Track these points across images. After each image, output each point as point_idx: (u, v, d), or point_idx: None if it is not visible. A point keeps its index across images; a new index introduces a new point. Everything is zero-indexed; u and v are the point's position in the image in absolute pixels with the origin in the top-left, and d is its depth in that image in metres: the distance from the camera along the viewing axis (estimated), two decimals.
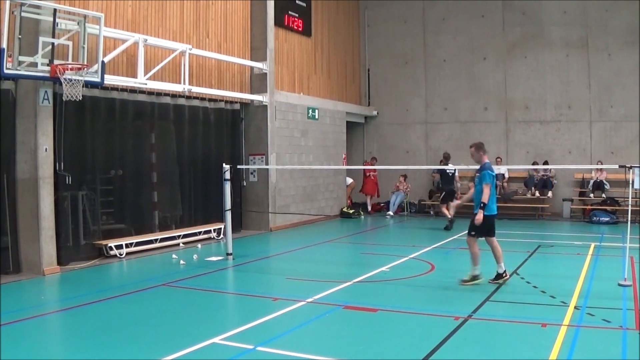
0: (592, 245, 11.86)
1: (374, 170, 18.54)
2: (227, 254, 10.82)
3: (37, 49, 8.76)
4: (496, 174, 17.82)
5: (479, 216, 8.12)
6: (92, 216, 10.87)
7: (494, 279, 8.22)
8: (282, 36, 16.06)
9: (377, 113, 20.35)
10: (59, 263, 9.62)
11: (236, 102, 14.61)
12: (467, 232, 8.42)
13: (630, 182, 8.44)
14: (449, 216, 14.50)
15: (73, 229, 10.39)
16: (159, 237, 11.84)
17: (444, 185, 15.44)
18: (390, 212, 17.86)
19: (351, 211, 18.08)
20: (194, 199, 13.38)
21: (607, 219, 15.75)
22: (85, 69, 9.26)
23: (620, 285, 8.02)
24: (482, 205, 8.12)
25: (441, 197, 15.53)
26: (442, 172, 15.53)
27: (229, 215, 11.05)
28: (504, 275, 8.24)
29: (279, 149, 15.38)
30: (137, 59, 10.95)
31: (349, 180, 19.06)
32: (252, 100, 14.74)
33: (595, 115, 17.46)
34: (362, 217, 18.00)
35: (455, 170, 14.93)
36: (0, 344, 5.64)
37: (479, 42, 18.72)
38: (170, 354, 5.41)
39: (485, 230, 8.25)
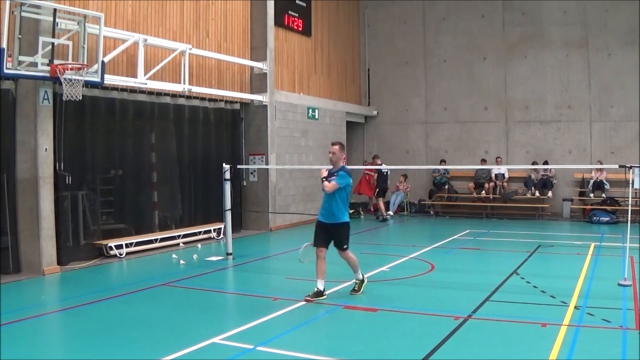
0: (592, 245, 11.86)
1: (371, 170, 18.48)
2: (227, 254, 10.82)
3: (37, 49, 8.76)
4: (496, 174, 18.04)
5: (328, 183, 7.58)
6: (92, 216, 10.87)
7: (355, 289, 7.74)
8: (282, 36, 16.06)
9: (377, 113, 20.35)
10: (59, 263, 9.63)
11: (236, 102, 14.61)
12: (339, 247, 7.63)
13: (630, 182, 8.44)
14: (384, 212, 17.06)
15: (73, 229, 10.39)
16: (159, 237, 11.84)
17: (380, 183, 17.15)
18: (390, 212, 17.85)
19: (351, 211, 18.02)
20: (194, 199, 13.38)
21: (607, 219, 15.75)
22: (85, 68, 9.26)
23: (620, 285, 8.02)
24: (323, 179, 7.67)
25: (376, 192, 17.37)
26: (379, 172, 17.09)
27: (229, 215, 11.05)
28: (363, 281, 7.81)
29: (279, 149, 15.38)
30: (137, 59, 10.95)
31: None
32: (252, 100, 14.74)
33: (595, 115, 17.46)
34: (362, 217, 17.98)
35: (388, 170, 16.94)
36: (0, 344, 5.64)
37: (479, 42, 18.72)
38: (170, 354, 5.41)
39: (349, 239, 7.70)
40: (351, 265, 7.70)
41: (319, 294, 7.37)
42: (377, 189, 17.27)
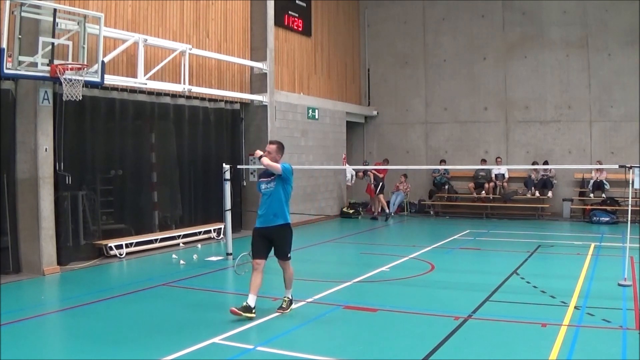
0: (592, 245, 11.86)
1: (379, 171, 18.50)
2: (227, 254, 10.82)
3: (37, 49, 8.76)
4: (496, 174, 18.05)
5: (257, 152, 6.95)
6: (92, 216, 10.87)
7: (283, 307, 6.89)
8: (282, 36, 16.06)
9: (377, 113, 20.35)
10: (59, 263, 9.62)
11: (236, 102, 14.60)
12: (280, 257, 6.86)
13: (630, 182, 8.44)
14: (387, 208, 17.43)
15: (73, 229, 10.39)
16: (159, 237, 11.83)
17: (378, 181, 17.59)
18: (390, 212, 17.85)
19: (351, 211, 18.08)
20: (194, 199, 13.37)
21: (607, 219, 15.75)
22: (85, 69, 9.26)
23: (620, 285, 8.02)
24: (261, 155, 6.89)
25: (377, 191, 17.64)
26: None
27: (229, 215, 11.05)
28: (292, 301, 7.02)
29: None
30: (137, 59, 10.94)
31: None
32: (252, 100, 14.74)
33: (595, 115, 17.46)
34: (361, 216, 17.99)
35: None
36: (0, 344, 5.64)
37: (479, 42, 18.72)
38: (170, 354, 5.41)
39: (288, 247, 6.91)
40: (286, 278, 6.87)
41: (248, 309, 6.50)
42: (378, 188, 17.55)
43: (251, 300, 6.56)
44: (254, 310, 6.55)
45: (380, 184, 17.43)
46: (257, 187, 7.17)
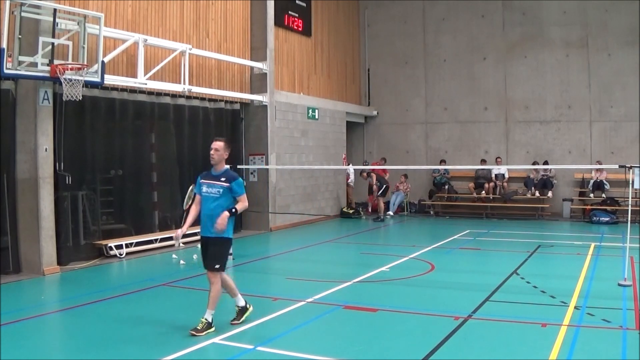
0: (592, 245, 11.86)
1: (379, 170, 18.50)
2: None
3: (37, 49, 8.76)
4: (496, 174, 18.05)
5: (222, 219, 6.03)
6: (92, 216, 10.87)
7: (197, 329, 6.08)
8: (282, 36, 16.06)
9: (377, 113, 20.35)
10: (59, 263, 9.62)
11: (236, 102, 14.61)
12: (208, 267, 6.23)
13: (630, 182, 8.45)
14: (382, 211, 17.28)
15: (73, 229, 10.39)
16: (159, 237, 11.83)
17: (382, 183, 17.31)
18: (390, 212, 17.85)
19: (351, 211, 18.08)
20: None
21: (607, 219, 15.75)
22: (85, 69, 9.26)
23: (620, 285, 8.02)
24: (233, 210, 6.13)
25: (380, 192, 17.29)
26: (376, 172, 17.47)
27: None
28: (248, 306, 6.51)
29: (279, 149, 15.38)
30: (137, 59, 10.95)
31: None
32: (252, 100, 14.74)
33: (595, 115, 17.46)
34: (363, 217, 17.98)
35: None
36: (0, 344, 5.64)
37: (479, 42, 18.73)
38: (170, 354, 5.41)
39: (225, 258, 6.38)
40: (212, 295, 6.15)
41: (243, 309, 6.34)
42: (381, 190, 17.27)
43: (239, 301, 6.37)
44: (248, 306, 6.42)
45: (385, 186, 17.20)
46: (196, 188, 6.50)
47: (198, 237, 12.56)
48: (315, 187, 17.11)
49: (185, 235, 12.17)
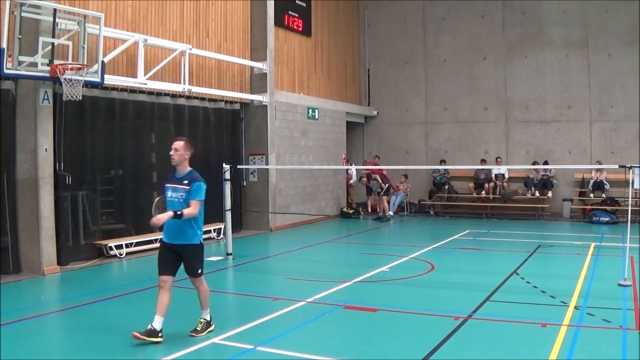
0: (592, 245, 11.86)
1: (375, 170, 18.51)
2: (227, 254, 10.82)
3: (37, 49, 8.76)
4: (496, 174, 18.05)
5: (164, 217, 5.72)
6: (92, 216, 10.87)
7: (197, 330, 6.02)
8: (282, 36, 16.06)
9: (377, 113, 20.35)
10: (59, 263, 9.62)
11: (236, 102, 14.61)
12: (191, 274, 6.01)
13: (630, 182, 8.44)
14: (387, 211, 17.19)
15: (73, 229, 10.39)
16: (159, 237, 11.76)
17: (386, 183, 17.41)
18: (391, 212, 17.85)
19: (351, 211, 18.08)
20: None
21: (607, 219, 15.75)
22: (85, 69, 9.26)
23: (620, 285, 8.02)
24: (179, 212, 5.75)
25: (382, 191, 17.41)
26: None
27: (229, 215, 11.05)
28: (210, 323, 6.14)
29: (279, 149, 15.38)
30: (137, 59, 10.95)
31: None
32: (252, 100, 14.74)
33: (595, 115, 17.46)
34: (362, 216, 17.99)
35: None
36: (0, 344, 5.64)
37: (479, 42, 18.73)
38: (170, 354, 5.42)
39: (203, 262, 6.12)
40: (202, 297, 6.08)
41: (153, 333, 5.71)
42: (383, 190, 17.33)
43: (157, 323, 5.76)
44: (160, 334, 5.74)
45: (387, 185, 17.32)
46: (163, 192, 6.23)
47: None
48: (315, 187, 17.11)
49: None
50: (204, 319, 6.09)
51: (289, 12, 16.29)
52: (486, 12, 18.59)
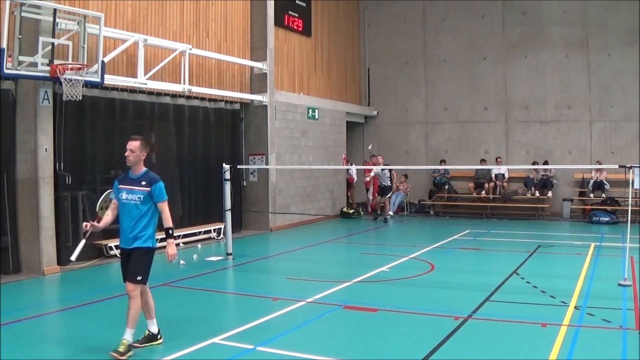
0: (592, 245, 11.86)
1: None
2: (227, 254, 10.82)
3: (37, 49, 8.76)
4: (496, 174, 18.06)
5: (172, 249, 5.69)
6: (92, 216, 10.84)
7: (119, 351, 5.31)
8: (282, 36, 16.06)
9: (377, 113, 20.35)
10: (59, 263, 9.61)
11: (236, 102, 14.61)
12: (129, 278, 5.50)
13: (630, 182, 8.44)
14: (387, 211, 17.02)
15: (73, 229, 10.38)
16: (159, 237, 11.77)
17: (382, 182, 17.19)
18: (390, 212, 17.84)
19: (351, 211, 18.08)
20: (194, 199, 13.37)
21: (607, 219, 15.75)
22: (85, 69, 9.26)
23: (620, 285, 8.02)
24: (170, 231, 5.68)
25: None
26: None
27: (229, 215, 11.05)
28: (159, 337, 5.74)
29: (279, 149, 15.38)
30: (137, 59, 10.95)
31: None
32: (252, 100, 14.74)
33: (595, 115, 17.46)
34: (361, 216, 17.99)
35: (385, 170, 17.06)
36: (0, 344, 5.64)
37: (479, 42, 18.73)
38: (170, 354, 5.41)
39: (148, 270, 5.65)
40: (130, 312, 5.44)
41: (152, 337, 5.63)
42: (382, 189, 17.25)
43: (151, 327, 5.66)
44: (159, 336, 5.69)
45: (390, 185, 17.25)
46: (114, 194, 5.85)
47: (198, 237, 12.76)
48: (315, 187, 17.11)
49: (185, 235, 12.35)
50: (127, 340, 5.37)
51: (289, 12, 16.29)
52: (486, 12, 18.59)
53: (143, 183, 5.64)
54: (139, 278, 5.46)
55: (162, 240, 10.84)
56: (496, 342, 5.77)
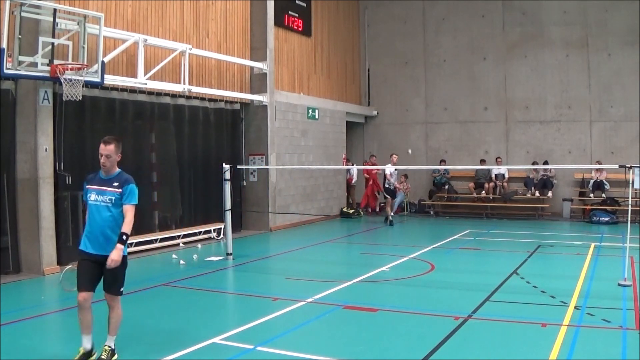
0: (592, 245, 11.86)
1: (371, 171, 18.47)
2: (227, 254, 10.82)
3: (37, 49, 8.76)
4: (496, 174, 18.06)
5: (117, 255, 5.11)
6: None
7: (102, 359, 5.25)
8: (282, 36, 16.06)
9: (377, 113, 20.35)
10: (59, 263, 9.61)
11: (236, 102, 14.61)
12: (112, 290, 5.35)
13: (630, 182, 8.44)
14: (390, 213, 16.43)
15: (73, 229, 10.37)
16: (159, 237, 11.83)
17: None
18: (391, 213, 17.81)
19: (351, 211, 18.08)
20: (194, 199, 13.37)
21: (607, 219, 15.75)
22: (85, 69, 9.26)
23: (620, 285, 8.02)
24: (124, 237, 5.24)
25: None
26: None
27: (229, 215, 11.05)
28: (114, 352, 5.32)
29: (279, 149, 15.38)
30: (137, 59, 10.95)
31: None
32: (252, 100, 14.74)
33: (595, 115, 17.46)
34: (362, 216, 17.99)
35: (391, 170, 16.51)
36: (0, 344, 5.64)
37: (479, 42, 18.73)
38: (170, 354, 5.41)
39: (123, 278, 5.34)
40: (111, 321, 5.35)
41: (87, 354, 5.25)
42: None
43: (87, 343, 5.28)
44: (93, 352, 5.29)
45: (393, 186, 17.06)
46: (83, 195, 5.50)
47: (198, 238, 12.74)
48: (315, 187, 17.11)
49: (185, 235, 12.35)
50: (109, 347, 5.24)
51: (289, 12, 16.29)
52: (486, 12, 18.59)
53: (115, 184, 5.35)
54: (122, 290, 5.33)
55: (163, 239, 10.75)
56: (496, 342, 5.77)
